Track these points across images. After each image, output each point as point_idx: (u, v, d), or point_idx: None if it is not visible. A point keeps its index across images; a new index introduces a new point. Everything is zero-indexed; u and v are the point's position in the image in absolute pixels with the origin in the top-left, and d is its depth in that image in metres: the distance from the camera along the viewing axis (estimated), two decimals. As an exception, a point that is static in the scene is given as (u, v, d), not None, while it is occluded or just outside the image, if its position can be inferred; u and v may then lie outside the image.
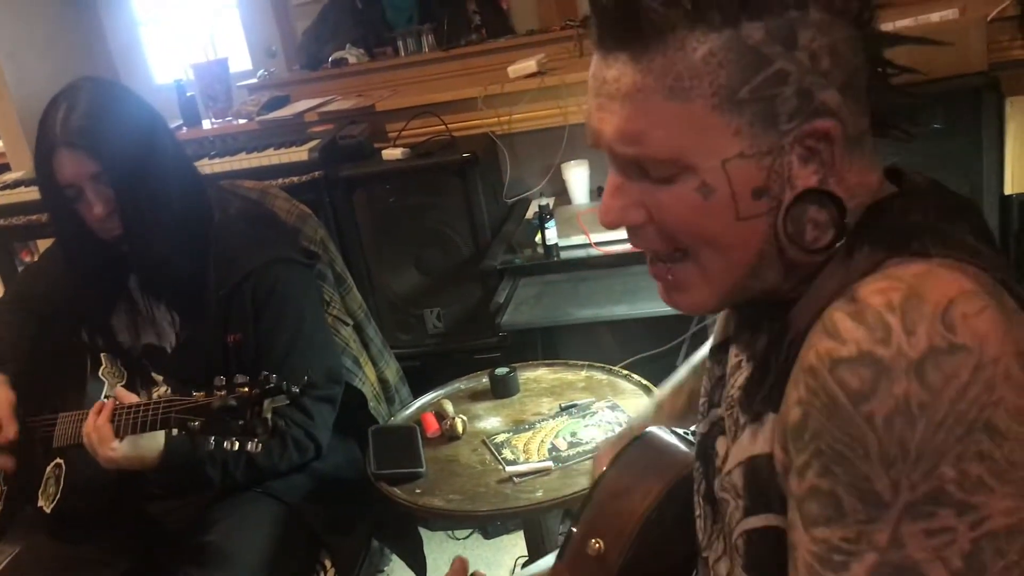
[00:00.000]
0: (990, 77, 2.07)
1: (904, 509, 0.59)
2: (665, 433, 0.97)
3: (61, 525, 1.59)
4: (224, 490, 1.61)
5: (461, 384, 1.95)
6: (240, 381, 1.32)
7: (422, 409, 1.86)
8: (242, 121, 3.01)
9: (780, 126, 0.67)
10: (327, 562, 1.70)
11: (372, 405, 1.90)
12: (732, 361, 0.82)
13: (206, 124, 3.15)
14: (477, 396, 1.89)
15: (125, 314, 1.68)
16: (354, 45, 3.60)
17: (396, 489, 1.59)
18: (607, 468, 0.93)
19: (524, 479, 1.55)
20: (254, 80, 3.62)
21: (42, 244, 2.90)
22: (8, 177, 2.93)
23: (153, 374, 1.68)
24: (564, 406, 1.76)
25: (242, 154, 2.61)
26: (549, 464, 1.57)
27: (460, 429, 1.73)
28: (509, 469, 1.58)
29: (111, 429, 1.42)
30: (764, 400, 0.73)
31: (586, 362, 1.92)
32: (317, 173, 2.50)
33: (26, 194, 2.68)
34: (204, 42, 4.75)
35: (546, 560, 0.98)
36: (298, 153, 2.53)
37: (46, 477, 1.58)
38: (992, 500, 0.58)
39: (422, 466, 1.63)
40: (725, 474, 0.78)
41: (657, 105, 0.67)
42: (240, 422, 1.31)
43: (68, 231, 1.60)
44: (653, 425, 1.04)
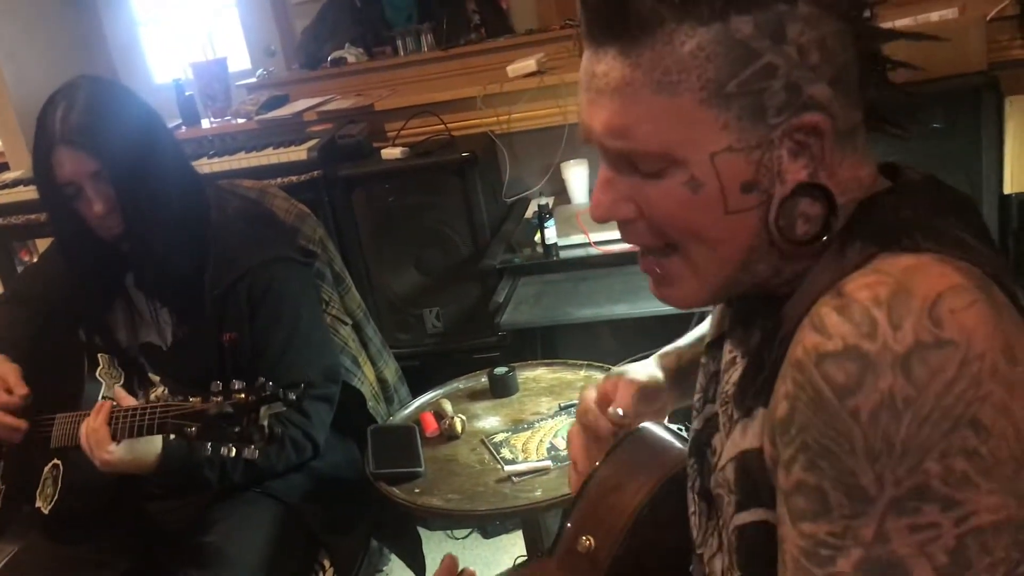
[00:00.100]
0: (989, 76, 2.07)
1: (889, 504, 0.59)
2: (658, 429, 0.97)
3: (59, 526, 1.58)
4: (222, 491, 1.61)
5: (460, 384, 1.95)
6: (237, 387, 1.32)
7: (421, 409, 1.86)
8: (241, 120, 3.01)
9: (769, 120, 0.67)
10: (326, 562, 1.69)
11: (371, 404, 1.90)
12: (727, 357, 0.82)
13: (205, 123, 3.15)
14: (476, 396, 1.89)
15: (122, 313, 1.68)
16: (353, 44, 3.59)
17: (395, 489, 1.59)
18: (599, 464, 0.93)
19: (523, 478, 1.55)
20: (253, 79, 3.62)
21: (41, 243, 2.90)
22: (7, 176, 2.93)
23: (150, 374, 1.68)
24: (563, 406, 1.76)
25: (241, 153, 2.61)
26: (548, 463, 1.57)
27: (459, 429, 1.72)
28: (508, 468, 1.58)
29: (108, 432, 1.41)
30: (755, 395, 0.72)
31: (585, 361, 1.92)
32: (316, 172, 2.50)
33: (25, 193, 2.67)
34: (203, 42, 4.73)
35: (538, 555, 0.98)
36: (297, 152, 2.53)
37: (44, 477, 1.58)
38: (977, 496, 0.58)
39: (421, 466, 1.63)
40: (719, 470, 0.77)
41: (645, 99, 0.67)
42: (236, 429, 1.30)
43: (66, 229, 1.60)
44: (647, 371, 1.04)
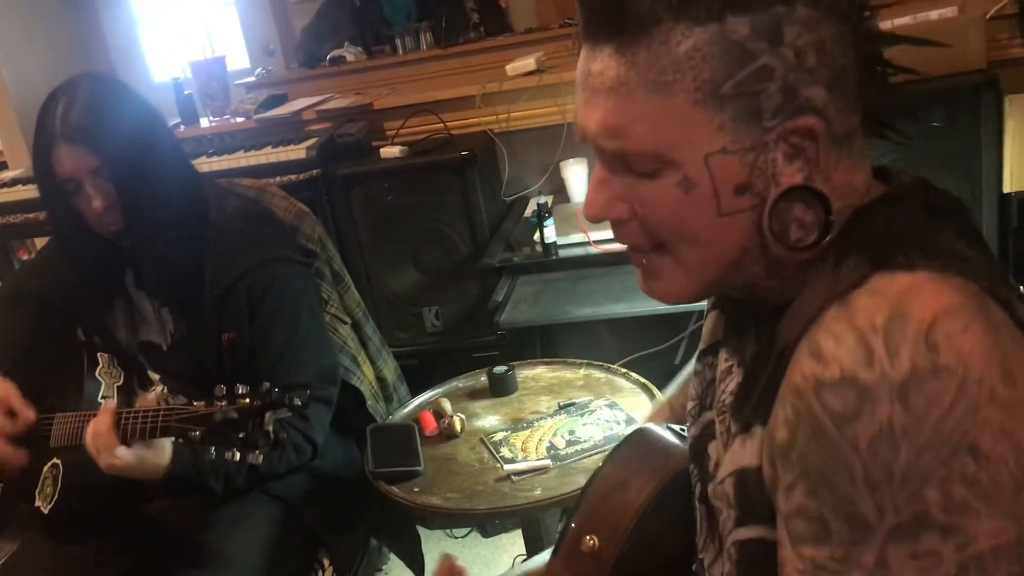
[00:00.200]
0: (989, 75, 2.07)
1: (890, 532, 0.59)
2: (660, 429, 0.97)
3: (59, 525, 1.58)
4: (226, 498, 1.60)
5: (459, 382, 1.95)
6: (241, 392, 1.30)
7: (420, 408, 1.86)
8: (240, 119, 3.01)
9: (764, 122, 0.66)
10: (325, 561, 1.69)
11: (370, 404, 1.90)
12: (722, 365, 0.82)
13: (204, 122, 3.15)
14: (475, 394, 1.89)
15: (121, 312, 1.67)
16: (352, 43, 3.59)
17: (394, 488, 1.59)
18: (602, 464, 0.93)
19: (522, 477, 1.55)
20: (252, 78, 3.61)
21: (40, 242, 2.90)
22: (6, 175, 2.93)
23: (149, 372, 1.67)
24: (562, 404, 1.76)
25: (240, 152, 2.61)
26: (547, 462, 1.57)
27: (458, 427, 1.72)
28: (507, 467, 1.58)
29: (115, 436, 1.39)
30: (753, 411, 0.72)
31: (584, 360, 1.91)
32: (315, 171, 2.50)
33: (24, 192, 2.67)
34: (202, 40, 4.75)
35: (542, 556, 0.98)
36: (296, 151, 2.53)
37: (43, 477, 1.57)
38: (977, 522, 0.58)
39: (420, 465, 1.62)
40: (718, 482, 0.78)
41: (640, 99, 0.67)
42: (241, 434, 1.29)
43: (66, 227, 1.59)
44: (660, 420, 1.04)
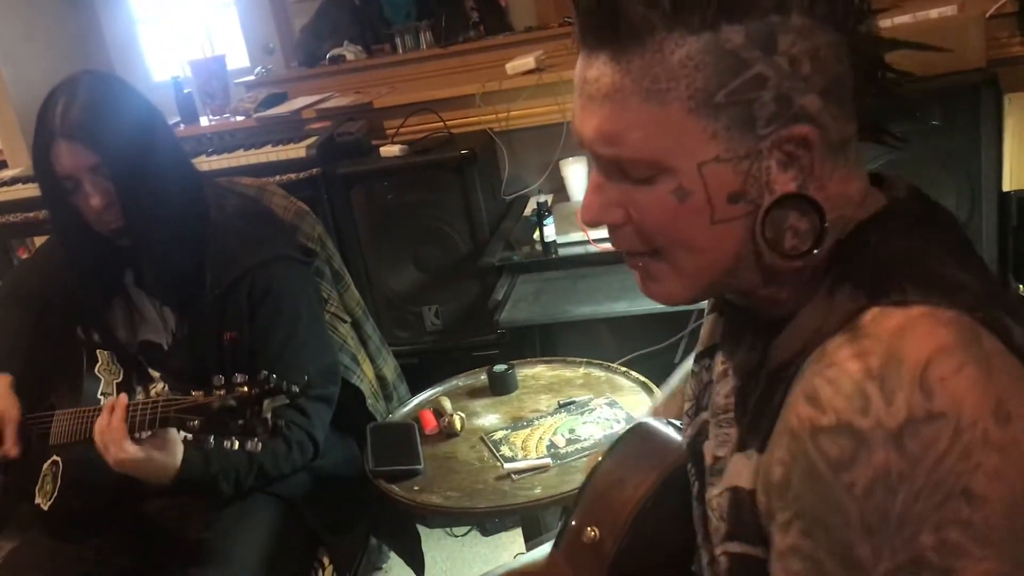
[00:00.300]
0: (989, 73, 2.07)
1: (884, 574, 0.60)
2: (660, 423, 0.97)
3: (58, 523, 1.58)
4: (233, 499, 1.60)
5: (459, 381, 1.95)
6: (239, 380, 1.32)
7: (420, 406, 1.86)
8: (240, 118, 3.01)
9: (758, 131, 0.67)
10: (325, 560, 1.70)
11: (370, 402, 1.90)
12: (718, 368, 0.82)
13: (204, 121, 3.15)
14: (475, 393, 1.89)
15: (121, 312, 1.67)
16: (352, 42, 3.59)
17: (394, 486, 1.59)
18: (602, 458, 0.93)
19: (522, 476, 1.55)
20: (252, 77, 3.61)
21: (39, 241, 2.89)
22: (5, 174, 2.92)
23: (150, 371, 1.68)
24: (562, 403, 1.76)
25: (240, 151, 2.60)
26: (547, 461, 1.57)
27: (458, 426, 1.72)
28: (507, 466, 1.58)
29: (125, 430, 1.39)
30: (748, 430, 0.73)
31: (584, 359, 1.92)
32: (315, 170, 2.50)
33: (23, 191, 2.67)
34: (201, 39, 4.74)
35: (541, 549, 0.98)
36: (296, 150, 2.53)
37: (43, 474, 1.57)
38: (971, 563, 0.58)
39: (420, 463, 1.63)
40: (715, 493, 0.78)
41: (635, 107, 0.67)
42: (240, 422, 1.30)
43: (66, 225, 1.60)
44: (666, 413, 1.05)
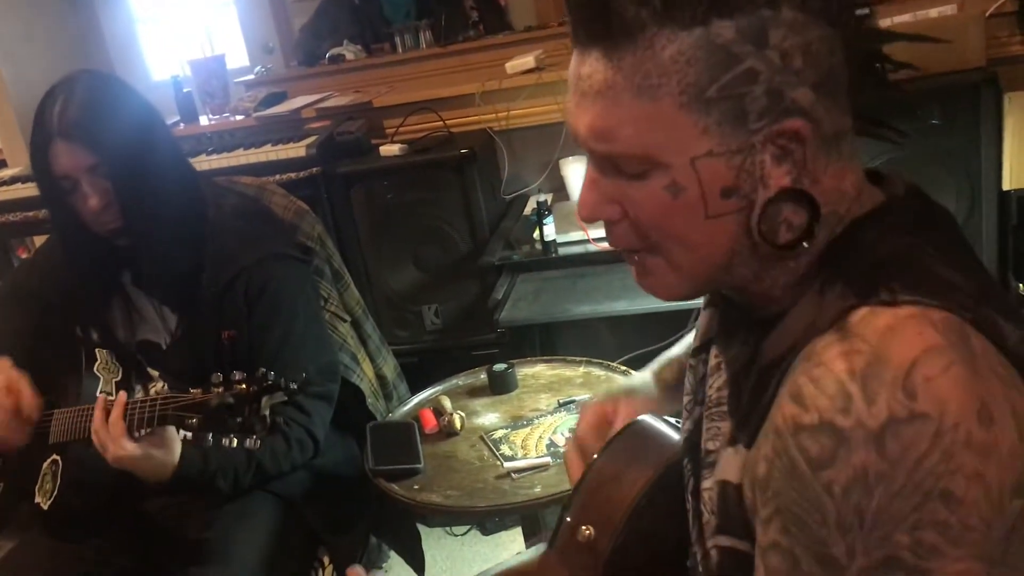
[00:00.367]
0: (988, 73, 2.07)
1: (858, 573, 0.60)
2: (655, 421, 0.97)
3: (58, 522, 1.58)
4: (233, 498, 1.60)
5: (459, 380, 1.95)
6: (237, 378, 1.32)
7: (420, 405, 1.86)
8: (239, 117, 3.01)
9: (750, 125, 0.67)
10: (325, 559, 1.69)
11: (370, 401, 1.90)
12: (712, 362, 0.83)
13: (203, 120, 3.15)
14: (475, 392, 1.89)
15: (119, 311, 1.67)
16: (351, 41, 3.59)
17: (394, 485, 1.59)
18: (597, 456, 0.93)
19: (522, 475, 1.55)
20: (251, 76, 3.61)
21: (39, 240, 2.90)
22: (5, 173, 2.92)
23: (149, 369, 1.67)
24: (562, 402, 1.76)
25: (239, 150, 2.60)
26: (547, 460, 1.57)
27: (458, 425, 1.72)
28: (507, 465, 1.58)
29: (124, 426, 1.39)
30: (739, 427, 0.74)
31: (584, 358, 1.92)
32: (315, 169, 2.50)
33: (23, 190, 2.67)
34: (201, 38, 4.74)
35: (536, 548, 0.98)
36: (295, 149, 2.53)
37: (43, 473, 1.57)
38: (945, 564, 0.59)
39: (420, 462, 1.63)
40: (707, 487, 0.79)
41: (627, 103, 0.67)
42: (238, 419, 1.31)
43: (64, 224, 1.59)
44: (647, 391, 1.05)
